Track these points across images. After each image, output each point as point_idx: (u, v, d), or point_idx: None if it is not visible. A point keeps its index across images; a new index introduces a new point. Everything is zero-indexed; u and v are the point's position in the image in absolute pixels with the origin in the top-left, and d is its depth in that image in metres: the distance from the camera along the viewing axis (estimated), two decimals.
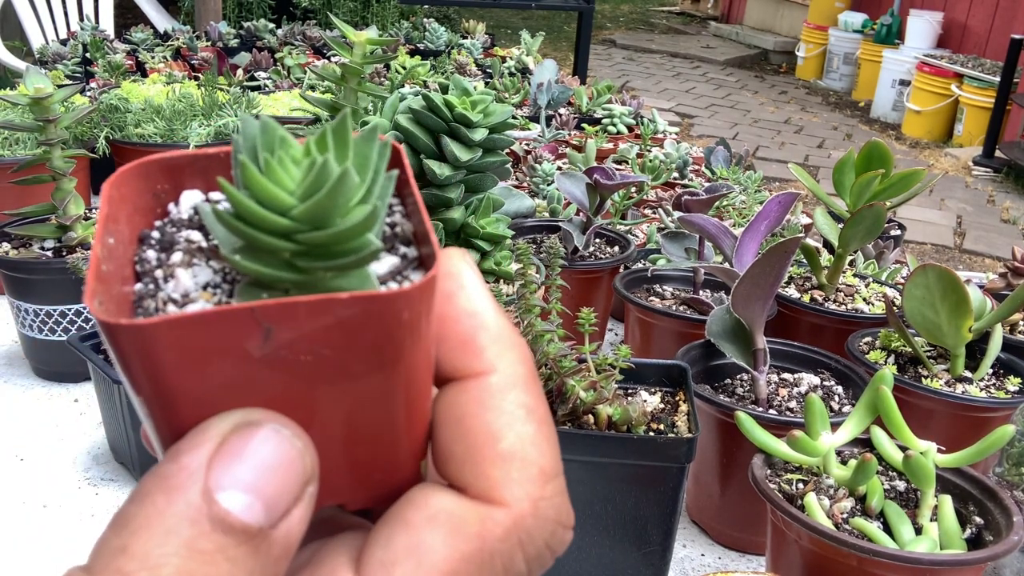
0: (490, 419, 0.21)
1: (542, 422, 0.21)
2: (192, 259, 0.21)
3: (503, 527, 0.20)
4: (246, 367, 0.18)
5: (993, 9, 5.92)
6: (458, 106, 0.84)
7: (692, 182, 1.71)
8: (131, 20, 4.17)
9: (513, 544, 0.20)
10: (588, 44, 3.57)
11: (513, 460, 0.20)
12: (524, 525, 0.20)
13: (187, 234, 0.21)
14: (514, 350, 0.21)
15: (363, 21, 5.29)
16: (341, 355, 0.19)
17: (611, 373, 0.74)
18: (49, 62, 2.35)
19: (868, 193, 1.06)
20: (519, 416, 0.21)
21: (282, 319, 0.18)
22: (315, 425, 0.20)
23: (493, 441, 0.20)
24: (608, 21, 9.24)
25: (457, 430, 0.21)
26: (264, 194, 0.19)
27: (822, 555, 0.66)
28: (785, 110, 6.25)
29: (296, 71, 2.23)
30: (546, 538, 0.20)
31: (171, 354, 0.18)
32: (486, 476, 0.20)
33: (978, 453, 0.69)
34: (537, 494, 0.20)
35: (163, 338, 0.18)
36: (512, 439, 0.20)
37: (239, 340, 0.18)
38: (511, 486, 0.20)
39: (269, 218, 0.18)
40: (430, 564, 0.19)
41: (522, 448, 0.20)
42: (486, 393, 0.21)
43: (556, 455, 0.21)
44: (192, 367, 0.18)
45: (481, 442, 0.20)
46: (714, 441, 0.85)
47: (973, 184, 4.86)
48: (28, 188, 1.16)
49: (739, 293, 0.82)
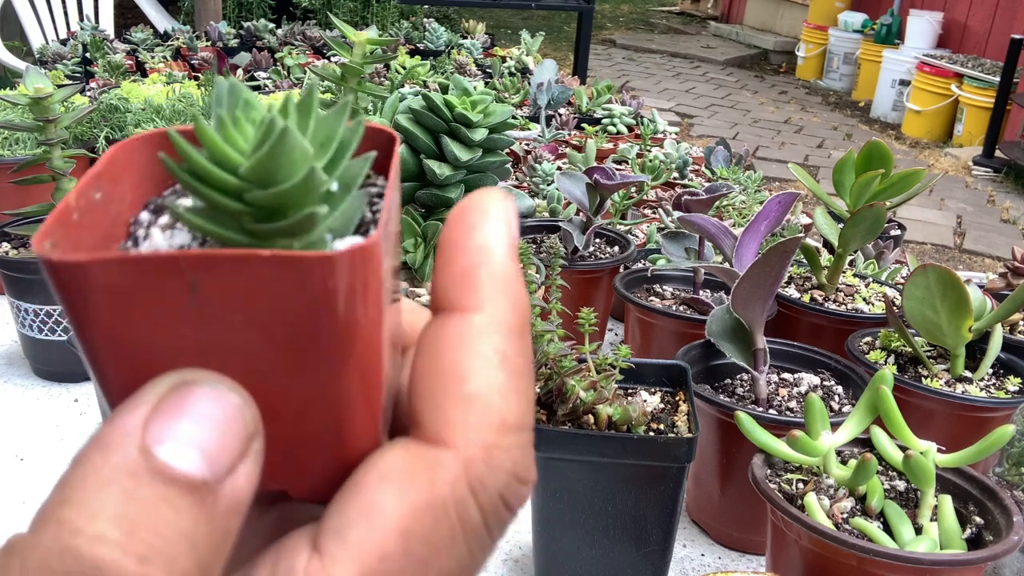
0: (462, 359, 0.20)
1: (516, 374, 0.20)
2: (176, 223, 0.20)
3: (452, 472, 0.19)
4: (176, 321, 0.18)
5: (993, 9, 5.92)
6: (458, 106, 0.84)
7: (692, 182, 1.71)
8: (131, 20, 4.17)
9: (465, 491, 0.19)
10: (588, 44, 3.58)
11: (474, 404, 0.19)
12: (475, 471, 0.19)
13: (182, 200, 0.21)
14: (508, 296, 0.20)
15: (363, 21, 5.29)
16: (270, 321, 0.18)
17: (611, 373, 0.74)
18: (49, 62, 2.35)
19: (868, 193, 1.06)
20: (492, 361, 0.20)
21: (206, 270, 0.17)
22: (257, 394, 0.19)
23: (459, 381, 0.19)
24: (608, 21, 9.24)
25: (429, 364, 0.20)
26: (215, 150, 0.18)
27: (822, 555, 0.66)
28: (785, 110, 6.25)
29: (296, 71, 2.23)
30: (500, 488, 0.19)
31: (105, 296, 0.17)
32: (443, 416, 0.19)
33: (978, 453, 0.69)
34: (492, 441, 0.19)
35: (96, 277, 0.17)
36: (479, 382, 0.19)
37: (167, 289, 0.17)
38: (465, 429, 0.19)
39: (216, 174, 0.18)
40: (382, 524, 0.18)
41: (487, 394, 0.19)
42: (466, 331, 0.20)
43: (525, 411, 0.20)
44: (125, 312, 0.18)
45: (447, 380, 0.20)
46: (714, 441, 0.85)
47: (973, 184, 4.86)
48: (28, 188, 1.17)
49: (739, 293, 0.82)
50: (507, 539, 0.88)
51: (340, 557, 0.18)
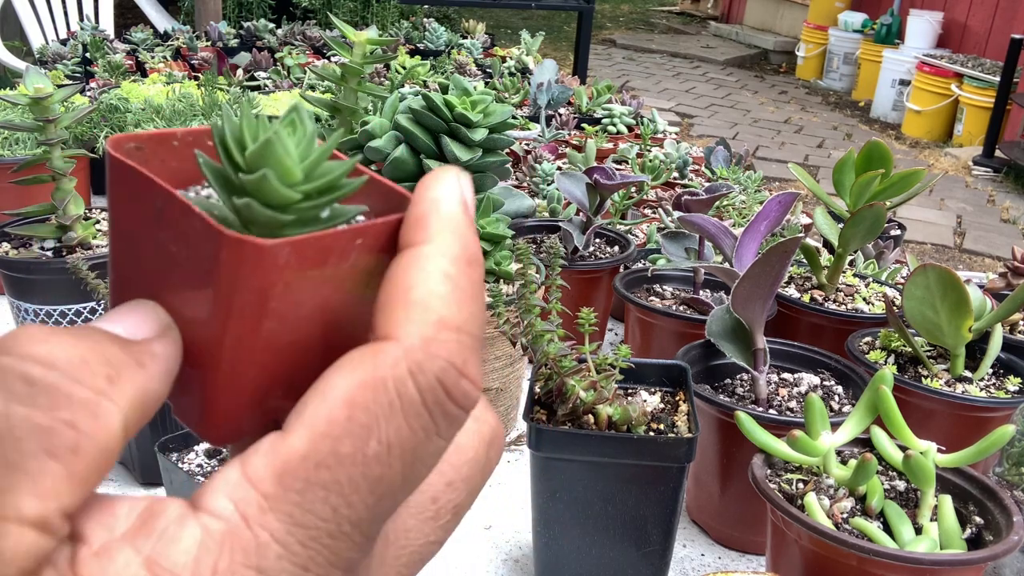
0: (410, 275, 0.23)
1: (459, 288, 0.23)
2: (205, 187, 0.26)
3: (393, 356, 0.22)
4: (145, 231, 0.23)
5: (993, 9, 5.92)
6: (458, 106, 0.84)
7: (692, 182, 1.71)
8: (131, 20, 4.17)
9: (403, 371, 0.22)
10: (588, 44, 3.58)
11: (416, 306, 0.22)
12: (414, 356, 0.22)
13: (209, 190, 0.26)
14: (456, 233, 0.24)
15: (363, 21, 5.29)
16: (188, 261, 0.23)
17: (611, 373, 0.74)
18: (49, 62, 2.35)
19: (868, 193, 1.06)
20: (435, 278, 0.23)
21: (166, 202, 0.22)
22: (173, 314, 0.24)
23: (405, 291, 0.23)
24: (608, 21, 9.24)
25: (383, 289, 0.23)
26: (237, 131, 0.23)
27: (822, 555, 0.66)
28: (785, 110, 6.25)
29: (296, 71, 2.23)
30: (437, 372, 0.22)
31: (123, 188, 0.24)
32: (389, 318, 0.22)
33: (978, 453, 0.69)
34: (430, 334, 0.22)
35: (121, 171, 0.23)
36: (421, 292, 0.23)
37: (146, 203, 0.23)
38: (407, 325, 0.22)
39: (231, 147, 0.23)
40: (332, 396, 0.22)
41: (428, 299, 0.23)
42: (415, 256, 0.23)
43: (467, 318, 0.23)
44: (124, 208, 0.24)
45: (395, 292, 0.23)
46: (714, 441, 0.85)
47: (973, 184, 4.86)
48: (28, 188, 1.16)
49: (739, 293, 0.82)
50: (507, 539, 0.88)
51: (295, 427, 0.22)
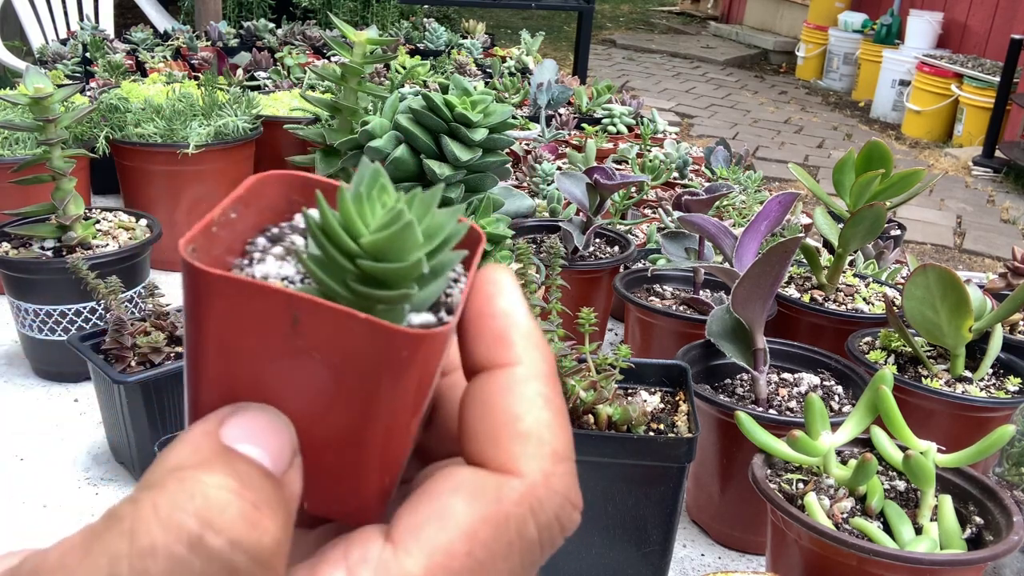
0: (513, 403, 0.23)
1: (558, 412, 0.24)
2: (287, 256, 0.24)
3: (518, 493, 0.22)
4: (269, 342, 0.22)
5: (993, 9, 5.92)
6: (458, 106, 0.84)
7: (692, 182, 1.71)
8: (131, 20, 4.17)
9: (526, 510, 0.22)
10: (588, 44, 3.58)
11: (530, 438, 0.23)
12: (536, 494, 0.22)
13: (294, 237, 0.25)
14: (539, 349, 0.24)
15: (363, 21, 5.29)
16: (342, 365, 0.22)
17: (611, 373, 0.74)
18: (49, 62, 2.35)
19: (868, 193, 1.06)
20: (538, 403, 0.23)
21: (309, 312, 0.21)
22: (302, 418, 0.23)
23: (514, 421, 0.23)
24: (608, 21, 9.24)
25: (482, 411, 0.23)
26: (347, 218, 0.22)
27: (822, 555, 0.66)
28: (785, 110, 6.25)
29: (296, 71, 2.23)
30: (555, 510, 0.23)
31: (222, 303, 0.22)
32: (506, 451, 0.23)
33: (978, 453, 0.69)
34: (549, 469, 0.23)
35: (219, 288, 0.21)
36: (530, 421, 0.23)
37: (272, 316, 0.21)
38: (527, 460, 0.23)
39: (342, 237, 0.22)
40: (453, 524, 0.22)
41: (538, 430, 0.23)
42: (511, 381, 0.24)
43: (569, 442, 0.24)
44: (231, 322, 0.22)
45: (503, 422, 0.23)
46: (714, 441, 0.85)
47: (973, 184, 4.86)
48: (28, 188, 1.16)
49: (739, 293, 0.82)
50: None
51: (413, 549, 0.21)
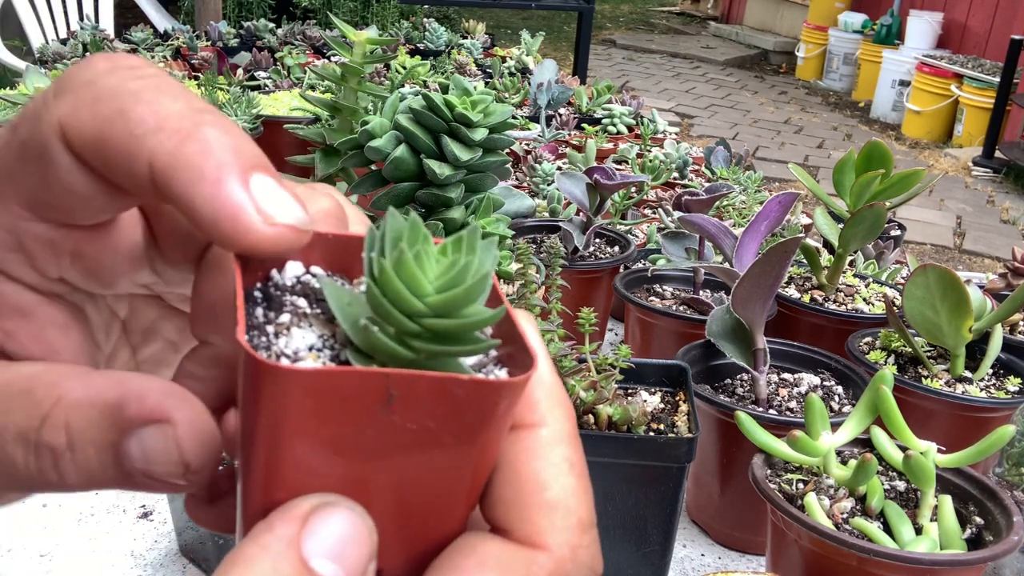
0: (539, 468, 0.23)
1: (582, 476, 0.24)
2: (299, 322, 0.23)
3: (546, 570, 0.22)
4: (361, 425, 0.21)
5: (993, 9, 5.92)
6: (458, 106, 0.84)
7: (692, 182, 1.71)
8: (131, 19, 4.17)
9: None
10: (588, 44, 3.58)
11: (557, 509, 0.23)
12: (564, 569, 0.22)
13: (293, 299, 0.24)
14: (563, 407, 0.24)
15: (363, 21, 5.29)
16: (440, 427, 0.21)
17: (611, 373, 0.74)
18: (49, 61, 2.35)
19: (868, 193, 1.06)
20: (564, 469, 0.23)
21: (407, 388, 0.20)
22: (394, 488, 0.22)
23: (540, 489, 0.23)
24: (608, 21, 9.24)
25: (507, 475, 0.23)
26: (410, 279, 0.21)
27: (822, 555, 0.66)
28: (785, 110, 6.25)
29: (296, 71, 2.23)
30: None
31: (308, 400, 0.20)
32: (532, 522, 0.22)
33: (978, 453, 0.69)
34: (576, 542, 0.23)
35: (307, 385, 0.20)
36: (557, 489, 0.23)
37: (366, 400, 0.20)
38: (554, 532, 0.22)
39: (410, 300, 0.21)
40: None
41: (565, 498, 0.23)
42: (537, 444, 0.23)
43: (592, 507, 0.24)
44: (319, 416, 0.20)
45: (529, 489, 0.23)
46: (714, 441, 0.85)
47: (973, 184, 4.86)
48: None
49: (739, 293, 0.82)
50: None
51: None
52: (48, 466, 0.23)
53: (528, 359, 0.23)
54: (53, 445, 0.22)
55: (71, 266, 0.25)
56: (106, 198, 0.23)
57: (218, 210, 0.21)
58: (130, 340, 0.29)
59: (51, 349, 0.25)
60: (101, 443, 0.23)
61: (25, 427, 0.23)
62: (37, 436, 0.23)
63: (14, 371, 0.24)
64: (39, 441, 0.22)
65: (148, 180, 0.21)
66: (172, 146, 0.21)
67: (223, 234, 0.21)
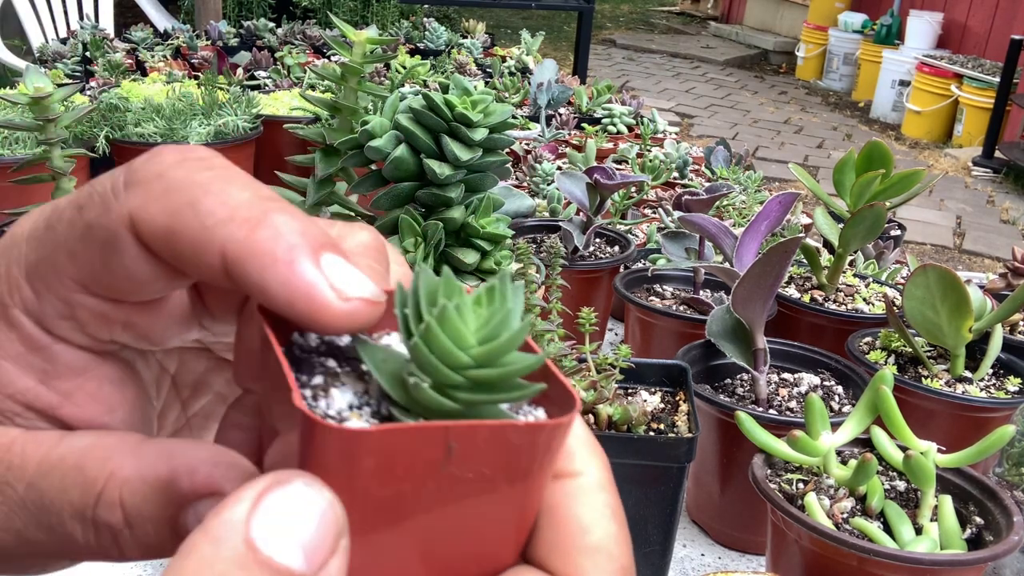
0: (581, 513, 0.24)
1: (623, 524, 0.24)
2: (334, 382, 0.23)
3: None
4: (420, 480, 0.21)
5: (993, 9, 5.92)
6: (458, 106, 0.84)
7: (692, 182, 1.71)
8: (131, 19, 4.17)
9: None
10: (588, 44, 3.58)
11: (600, 553, 0.23)
12: None
13: (322, 360, 0.24)
14: (599, 456, 0.25)
15: (363, 20, 5.29)
16: (495, 473, 0.22)
17: (611, 373, 0.74)
18: (49, 61, 2.35)
19: (868, 193, 1.06)
20: (606, 515, 0.24)
21: (466, 439, 0.21)
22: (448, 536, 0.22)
23: (583, 533, 0.23)
24: (608, 21, 9.24)
25: (551, 520, 0.24)
26: (455, 334, 0.22)
27: (822, 555, 0.66)
28: (785, 110, 6.25)
29: (296, 70, 2.23)
30: None
31: (370, 460, 0.20)
32: (576, 564, 0.23)
33: (978, 453, 0.69)
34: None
35: (371, 445, 0.20)
36: (600, 534, 0.23)
37: (426, 454, 0.21)
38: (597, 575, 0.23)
39: (456, 354, 0.22)
40: None
41: (607, 544, 0.23)
42: (579, 491, 0.24)
43: (631, 555, 0.24)
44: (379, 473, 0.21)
45: (572, 533, 0.23)
46: (714, 441, 0.85)
47: (973, 184, 4.86)
48: (28, 188, 1.16)
49: (739, 293, 0.82)
50: None
51: None
52: (108, 543, 0.23)
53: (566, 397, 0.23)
54: (110, 523, 0.23)
55: (122, 332, 0.26)
56: (166, 282, 0.24)
57: (293, 291, 0.22)
58: (180, 395, 0.30)
59: (108, 407, 0.26)
60: (158, 519, 0.23)
61: (81, 505, 0.23)
62: (93, 514, 0.23)
63: (66, 445, 0.24)
64: (95, 519, 0.23)
65: (220, 269, 0.22)
66: (243, 235, 0.22)
67: (300, 312, 0.22)
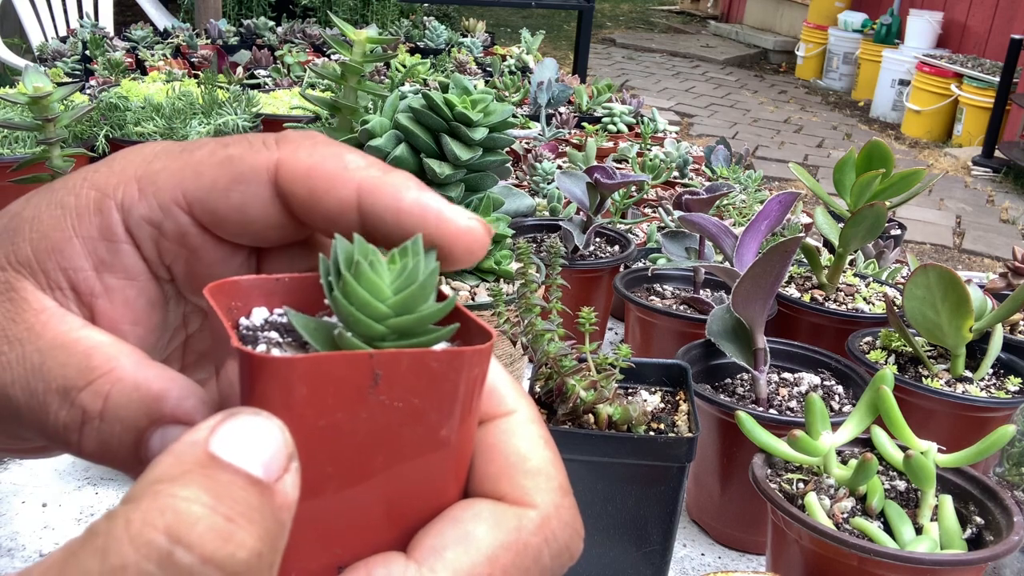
0: (520, 444, 0.26)
1: (556, 450, 0.27)
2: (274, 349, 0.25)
3: (535, 523, 0.25)
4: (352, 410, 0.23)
5: (993, 9, 5.92)
6: (458, 105, 0.84)
7: (692, 181, 1.71)
8: (131, 18, 4.16)
9: (541, 539, 0.25)
10: (588, 43, 3.58)
11: (540, 475, 0.26)
12: (550, 525, 0.25)
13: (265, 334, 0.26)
14: (527, 397, 0.28)
15: (363, 19, 5.28)
16: (424, 403, 0.23)
17: (611, 372, 0.74)
18: (48, 60, 2.35)
19: (869, 193, 1.06)
20: (540, 444, 0.27)
21: (390, 366, 0.22)
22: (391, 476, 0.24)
23: (523, 460, 0.26)
24: (608, 20, 9.24)
25: (490, 455, 0.26)
26: (372, 287, 0.24)
27: (822, 555, 0.66)
28: (785, 110, 6.25)
29: (296, 69, 2.23)
30: (566, 539, 0.25)
31: (303, 387, 0.22)
32: (520, 486, 0.26)
33: (978, 453, 0.69)
34: (559, 502, 0.26)
35: (302, 371, 0.22)
36: (537, 459, 0.26)
37: (355, 380, 0.22)
38: (539, 493, 0.26)
39: (373, 303, 0.23)
40: (476, 548, 0.24)
41: (546, 467, 0.26)
42: (514, 426, 0.27)
43: (567, 476, 0.27)
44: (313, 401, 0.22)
45: (514, 461, 0.26)
46: (714, 441, 0.85)
47: (972, 184, 4.86)
48: (27, 187, 1.16)
49: (739, 292, 0.82)
50: None
51: (437, 568, 0.23)
52: (74, 424, 0.25)
53: (484, 333, 0.25)
54: (87, 408, 0.25)
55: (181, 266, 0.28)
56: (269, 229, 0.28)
57: (425, 207, 0.26)
58: (185, 357, 0.32)
59: (133, 319, 0.28)
60: (129, 423, 0.25)
61: (71, 383, 0.25)
62: (78, 395, 0.25)
63: (85, 333, 0.26)
64: (77, 400, 0.25)
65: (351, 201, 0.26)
66: (378, 175, 0.27)
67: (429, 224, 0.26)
